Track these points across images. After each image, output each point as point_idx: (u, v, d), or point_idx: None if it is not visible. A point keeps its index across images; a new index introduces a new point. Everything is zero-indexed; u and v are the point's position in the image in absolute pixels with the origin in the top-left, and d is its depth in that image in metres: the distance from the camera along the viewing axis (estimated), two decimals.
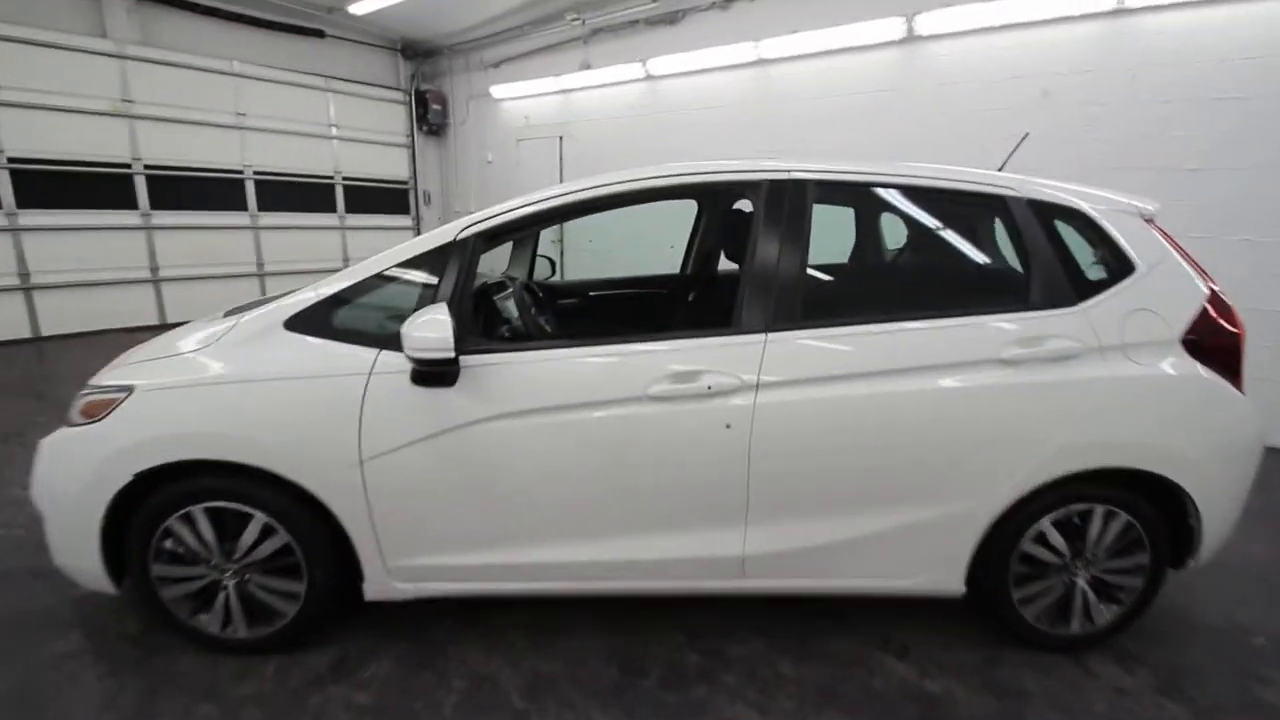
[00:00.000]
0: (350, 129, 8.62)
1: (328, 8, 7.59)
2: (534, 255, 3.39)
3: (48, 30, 6.12)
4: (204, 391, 1.84)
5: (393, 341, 1.77)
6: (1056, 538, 2.00)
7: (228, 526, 1.90)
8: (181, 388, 1.85)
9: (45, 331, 6.52)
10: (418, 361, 1.70)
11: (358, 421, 1.80)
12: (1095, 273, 2.00)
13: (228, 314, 2.12)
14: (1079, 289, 1.94)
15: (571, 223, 4.88)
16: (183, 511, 1.88)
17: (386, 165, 9.18)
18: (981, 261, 2.23)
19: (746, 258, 1.91)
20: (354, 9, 7.41)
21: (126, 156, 6.78)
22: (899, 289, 2.44)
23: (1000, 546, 1.99)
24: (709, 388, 1.81)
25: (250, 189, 7.75)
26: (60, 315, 6.59)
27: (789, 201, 1.93)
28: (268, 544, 1.91)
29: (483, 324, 2.25)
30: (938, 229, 2.23)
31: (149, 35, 6.82)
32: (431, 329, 1.66)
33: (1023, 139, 2.56)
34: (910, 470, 1.90)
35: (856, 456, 1.88)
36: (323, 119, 8.34)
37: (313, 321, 1.88)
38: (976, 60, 5.04)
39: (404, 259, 1.93)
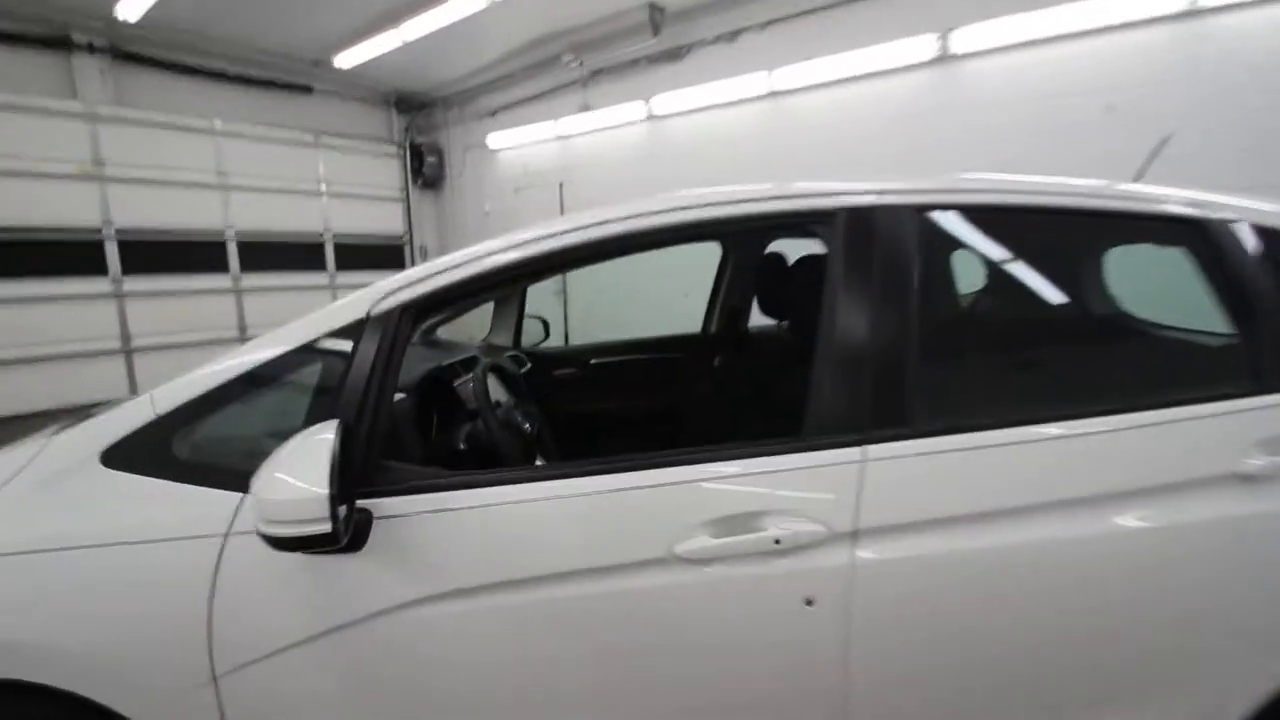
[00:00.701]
0: (341, 185, 8.20)
1: (314, 61, 7.27)
2: (520, 315, 2.75)
3: (9, 92, 5.74)
4: None
5: None
6: None
7: None
8: None
9: (2, 412, 5.93)
10: (269, 539, 1.00)
11: (207, 613, 1.11)
12: None
13: (59, 431, 1.46)
14: None
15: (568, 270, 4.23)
16: None
17: (380, 221, 8.75)
18: (1163, 321, 1.54)
19: (822, 326, 1.23)
20: (340, 62, 7.08)
21: (97, 221, 6.32)
22: (1053, 367, 1.47)
23: None
24: (777, 541, 1.11)
25: (232, 250, 7.27)
26: (19, 393, 5.98)
27: (883, 238, 1.26)
28: None
29: (433, 430, 1.58)
30: (1097, 274, 1.53)
31: (123, 96, 6.47)
32: (291, 477, 0.98)
33: (1163, 142, 1.91)
34: (1110, 657, 1.18)
35: (1023, 642, 1.16)
36: (311, 176, 7.93)
37: (143, 451, 1.20)
38: (1023, 77, 4.46)
39: (289, 348, 1.26)
